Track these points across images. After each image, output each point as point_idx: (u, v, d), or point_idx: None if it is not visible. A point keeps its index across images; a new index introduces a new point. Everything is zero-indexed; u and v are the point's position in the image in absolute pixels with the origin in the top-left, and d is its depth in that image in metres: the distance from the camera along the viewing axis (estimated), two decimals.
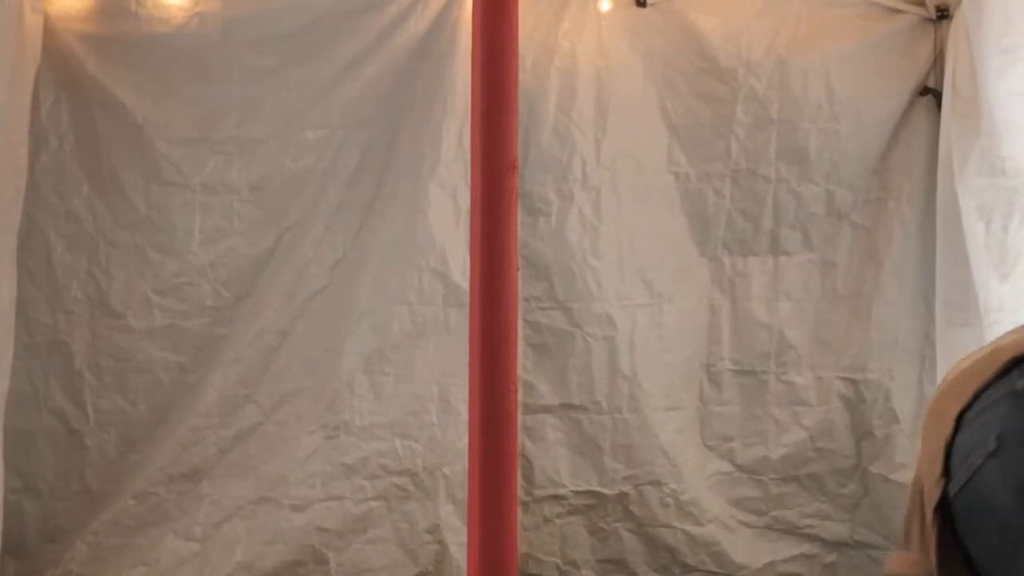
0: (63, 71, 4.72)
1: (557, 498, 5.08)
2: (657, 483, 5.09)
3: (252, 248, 4.82)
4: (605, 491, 5.09)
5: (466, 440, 3.32)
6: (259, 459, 4.80)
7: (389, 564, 4.88)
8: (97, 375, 4.70)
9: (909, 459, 5.01)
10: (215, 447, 4.78)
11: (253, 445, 4.80)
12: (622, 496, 5.10)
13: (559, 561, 5.10)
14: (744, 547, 5.20)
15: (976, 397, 1.06)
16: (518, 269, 3.36)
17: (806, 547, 5.24)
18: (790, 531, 5.25)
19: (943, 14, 5.04)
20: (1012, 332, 1.10)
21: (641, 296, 5.06)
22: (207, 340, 4.76)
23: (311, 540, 4.82)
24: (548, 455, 5.06)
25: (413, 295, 4.85)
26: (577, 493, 5.09)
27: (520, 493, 4.38)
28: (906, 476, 4.85)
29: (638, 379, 5.04)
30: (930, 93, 5.10)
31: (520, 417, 4.06)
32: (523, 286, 4.68)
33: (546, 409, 5.03)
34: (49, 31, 4.68)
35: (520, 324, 4.18)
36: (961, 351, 4.77)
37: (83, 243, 4.74)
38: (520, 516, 4.28)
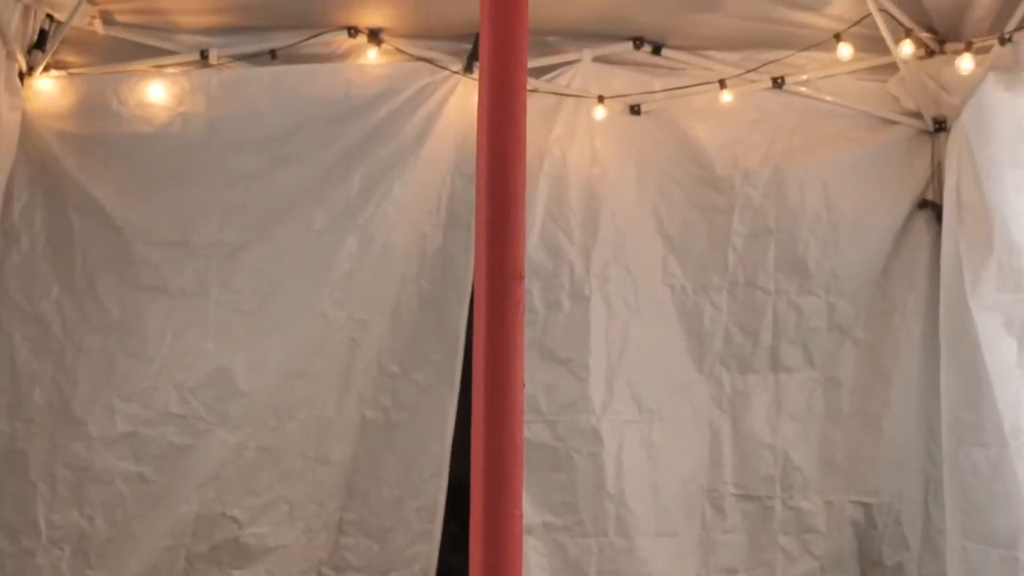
0: (40, 170, 4.63)
1: None
2: None
3: (226, 355, 4.60)
4: None
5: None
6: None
7: None
8: (51, 486, 4.43)
9: None
10: (184, 564, 4.48)
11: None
12: None
13: None
14: None
15: None
16: (523, 386, 3.06)
17: None
18: None
19: (940, 126, 4.95)
20: None
21: (630, 412, 4.83)
22: (171, 449, 4.50)
23: None
24: None
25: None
26: None
27: None
28: None
29: (625, 500, 4.76)
30: (929, 206, 4.96)
31: None
32: None
33: (527, 530, 4.71)
34: (27, 129, 4.61)
35: None
36: (974, 473, 4.57)
37: (50, 347, 4.56)
38: None
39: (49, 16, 4.59)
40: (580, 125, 4.91)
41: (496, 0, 2.78)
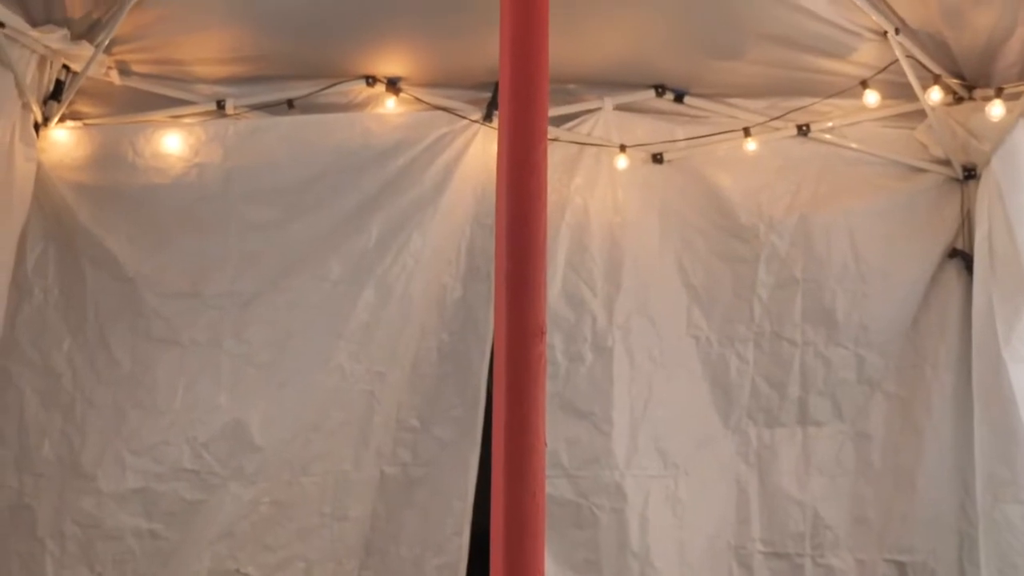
0: (54, 221, 4.57)
1: None
2: None
3: (240, 408, 4.51)
4: None
5: None
6: None
7: None
8: (60, 543, 4.31)
9: None
10: None
11: None
12: None
13: None
14: None
15: None
16: (545, 445, 2.94)
17: None
18: None
19: (970, 174, 4.85)
20: None
21: (655, 467, 4.72)
22: (183, 505, 4.39)
23: None
24: None
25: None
26: None
27: None
28: None
29: (650, 557, 4.63)
30: (959, 255, 4.85)
31: None
32: None
33: None
34: (41, 180, 4.56)
35: None
36: (1010, 530, 4.41)
37: (59, 400, 4.48)
38: None
39: (65, 67, 4.55)
40: (602, 174, 4.84)
41: (516, 49, 2.69)
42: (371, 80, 4.72)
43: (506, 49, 2.70)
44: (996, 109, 4.47)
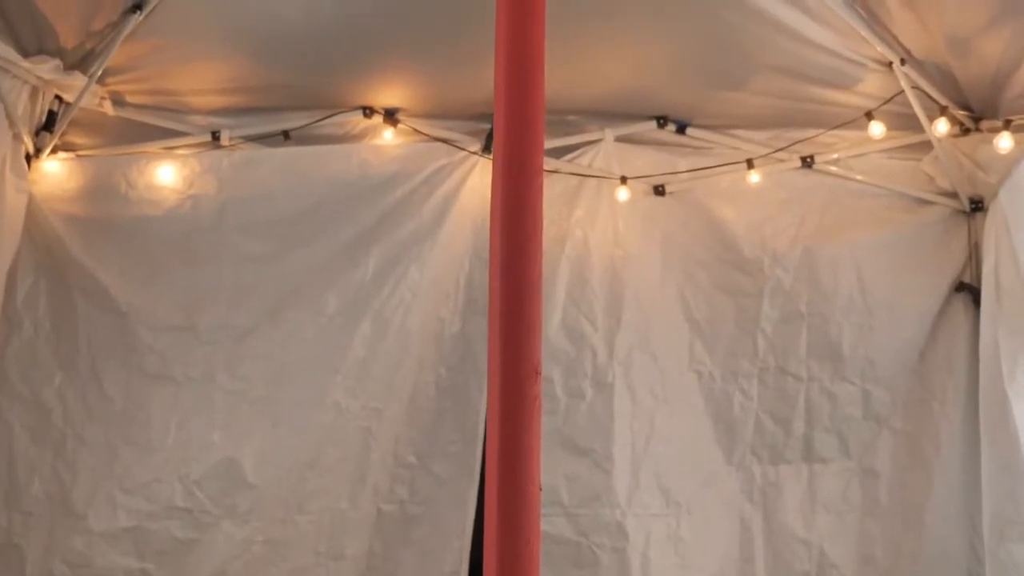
0: (45, 254, 4.51)
1: None
2: None
3: (234, 445, 4.42)
4: None
5: None
6: None
7: None
8: None
9: None
10: None
11: None
12: None
13: None
14: None
15: None
16: (540, 489, 2.83)
17: None
18: None
19: (977, 206, 4.77)
20: None
21: (657, 505, 4.62)
22: (175, 544, 4.29)
23: None
24: None
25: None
26: None
27: None
28: None
29: None
30: (966, 289, 4.76)
31: None
32: None
33: None
34: (33, 212, 4.50)
35: None
36: (1017, 570, 4.30)
37: (50, 436, 4.41)
38: None
39: (58, 97, 4.50)
40: (602, 206, 4.76)
41: (511, 80, 2.60)
42: (368, 111, 4.66)
43: (501, 81, 2.61)
44: (1004, 141, 4.40)
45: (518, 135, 2.75)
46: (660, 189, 4.81)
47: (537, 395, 2.68)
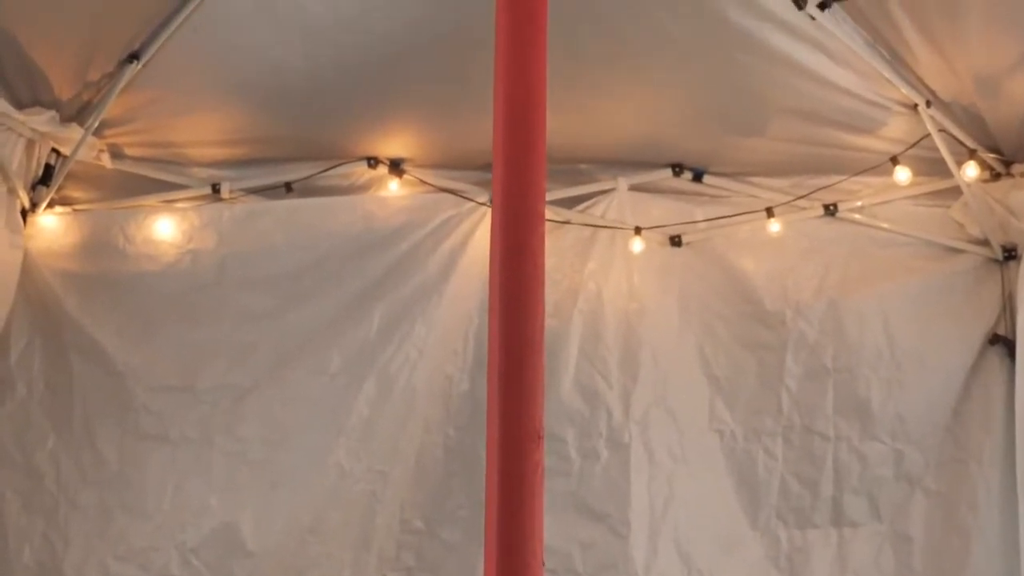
0: (40, 312, 4.42)
1: None
2: None
3: (232, 510, 4.26)
4: None
5: None
6: None
7: None
8: None
9: None
10: None
11: None
12: None
13: None
14: None
15: None
16: (543, 564, 2.58)
17: None
18: None
19: (1010, 254, 4.57)
20: None
21: (677, 573, 4.42)
22: None
23: None
24: None
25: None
26: None
27: None
28: None
29: None
30: (1001, 341, 4.55)
31: None
32: None
33: None
34: (28, 268, 4.42)
35: None
36: None
37: (42, 502, 4.31)
38: None
39: (54, 150, 4.41)
40: (616, 258, 4.60)
41: (510, 123, 2.41)
42: (373, 161, 4.55)
43: (500, 121, 2.44)
44: None
45: (518, 180, 2.55)
46: (676, 239, 4.64)
47: (539, 462, 2.44)
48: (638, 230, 4.57)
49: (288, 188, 4.54)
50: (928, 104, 4.15)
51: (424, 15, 3.88)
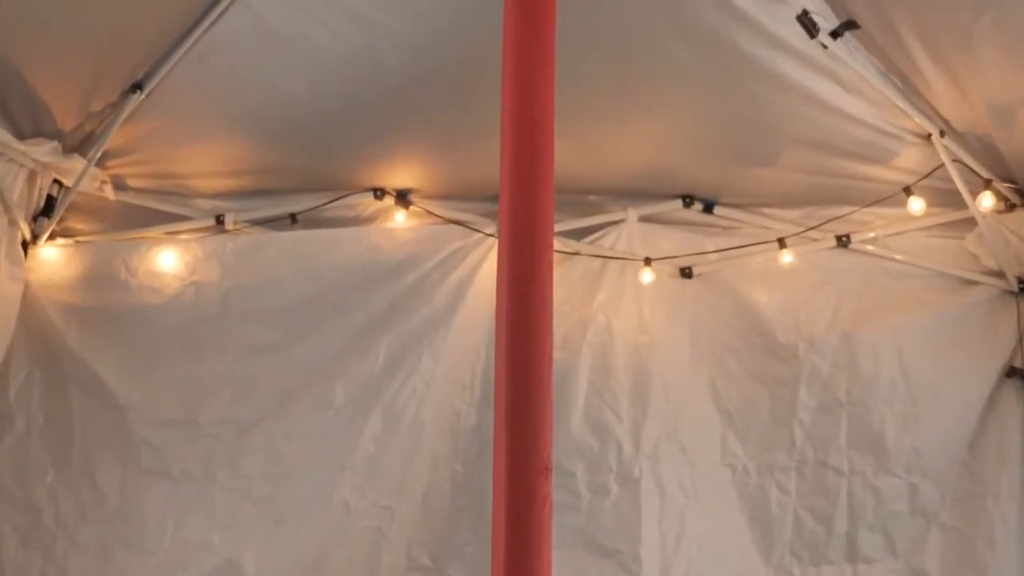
0: (40, 345, 4.34)
1: None
2: None
3: (234, 547, 4.18)
4: None
5: None
6: None
7: None
8: None
9: None
10: None
11: None
12: None
13: None
14: None
15: None
16: None
17: None
18: None
19: None
20: None
21: None
22: None
23: None
24: None
25: None
26: None
27: None
28: None
29: None
30: (1017, 374, 4.48)
31: None
32: None
33: None
34: (29, 301, 4.33)
35: None
36: None
37: (40, 539, 4.22)
38: None
39: (56, 181, 4.34)
40: (626, 290, 4.55)
41: (517, 145, 2.34)
42: (379, 193, 4.49)
43: (507, 155, 2.37)
44: None
45: (526, 209, 2.48)
46: (687, 271, 4.58)
47: (548, 495, 2.36)
48: (648, 261, 4.51)
49: (293, 219, 4.49)
50: (942, 134, 4.10)
51: (431, 46, 3.83)
